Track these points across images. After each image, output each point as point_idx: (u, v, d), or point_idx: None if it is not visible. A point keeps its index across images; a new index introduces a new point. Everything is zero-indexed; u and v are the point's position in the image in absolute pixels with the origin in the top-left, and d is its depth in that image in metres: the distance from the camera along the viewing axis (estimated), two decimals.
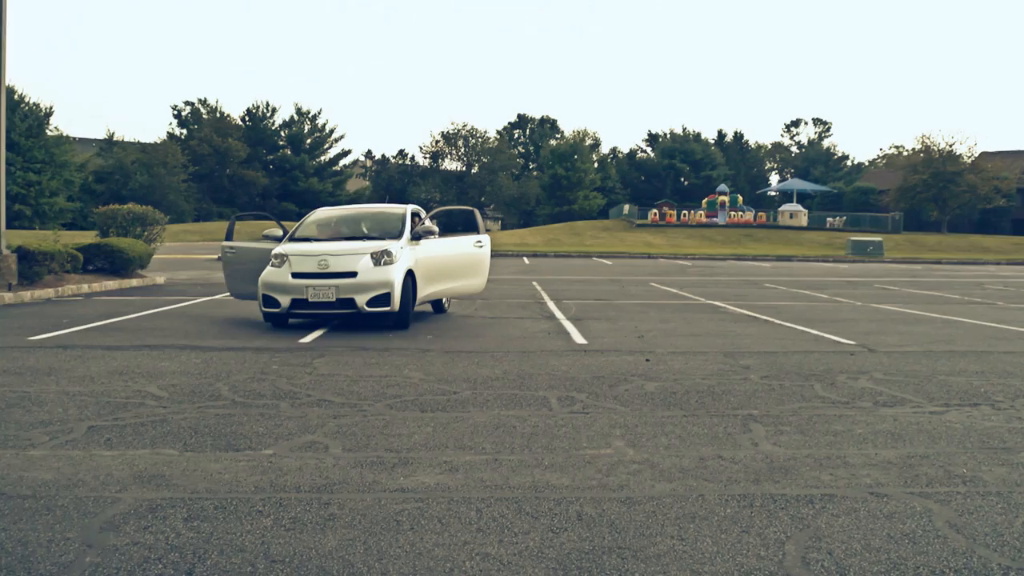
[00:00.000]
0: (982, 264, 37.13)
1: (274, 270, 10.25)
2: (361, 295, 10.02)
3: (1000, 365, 8.13)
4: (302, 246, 10.67)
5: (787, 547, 3.50)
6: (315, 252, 10.41)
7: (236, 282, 11.71)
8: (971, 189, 58.49)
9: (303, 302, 10.10)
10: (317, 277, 10.10)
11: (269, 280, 10.20)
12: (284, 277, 10.13)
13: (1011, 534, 3.67)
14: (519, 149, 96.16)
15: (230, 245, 11.84)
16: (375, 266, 10.16)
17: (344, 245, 10.71)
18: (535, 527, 3.71)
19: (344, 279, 10.07)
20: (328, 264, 10.17)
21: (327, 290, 10.02)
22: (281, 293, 10.10)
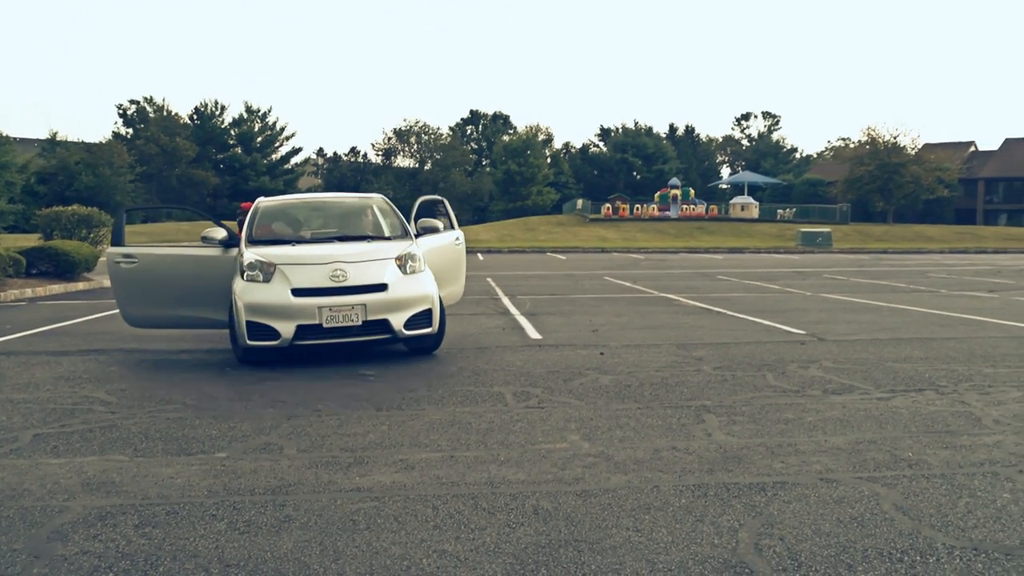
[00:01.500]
0: (926, 253, 38.02)
1: (258, 286, 7.45)
2: (396, 315, 7.56)
3: (943, 351, 8.34)
4: (286, 250, 7.94)
5: (740, 535, 3.56)
6: (318, 258, 7.73)
7: (138, 304, 8.47)
8: (915, 180, 59.88)
9: (315, 329, 7.33)
10: (331, 293, 7.42)
11: (256, 300, 7.33)
12: (280, 295, 7.34)
13: (955, 515, 3.77)
14: (472, 145, 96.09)
15: (124, 252, 8.35)
16: (405, 275, 7.79)
17: (355, 248, 8.11)
18: (492, 523, 3.72)
19: (371, 294, 7.49)
20: (345, 274, 7.52)
21: (349, 311, 7.37)
22: (279, 318, 7.29)
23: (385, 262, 7.84)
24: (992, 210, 75.10)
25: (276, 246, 8.10)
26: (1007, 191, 75.41)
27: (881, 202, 61.78)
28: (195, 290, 8.31)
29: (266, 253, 7.81)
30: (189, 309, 8.42)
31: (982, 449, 4.82)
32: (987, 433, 5.17)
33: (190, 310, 8.43)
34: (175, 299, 8.38)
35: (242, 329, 7.39)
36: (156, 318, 8.66)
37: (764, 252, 38.66)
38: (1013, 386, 6.55)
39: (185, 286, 8.34)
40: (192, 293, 8.33)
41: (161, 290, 8.35)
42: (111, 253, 8.43)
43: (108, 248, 8.58)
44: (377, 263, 7.81)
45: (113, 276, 8.47)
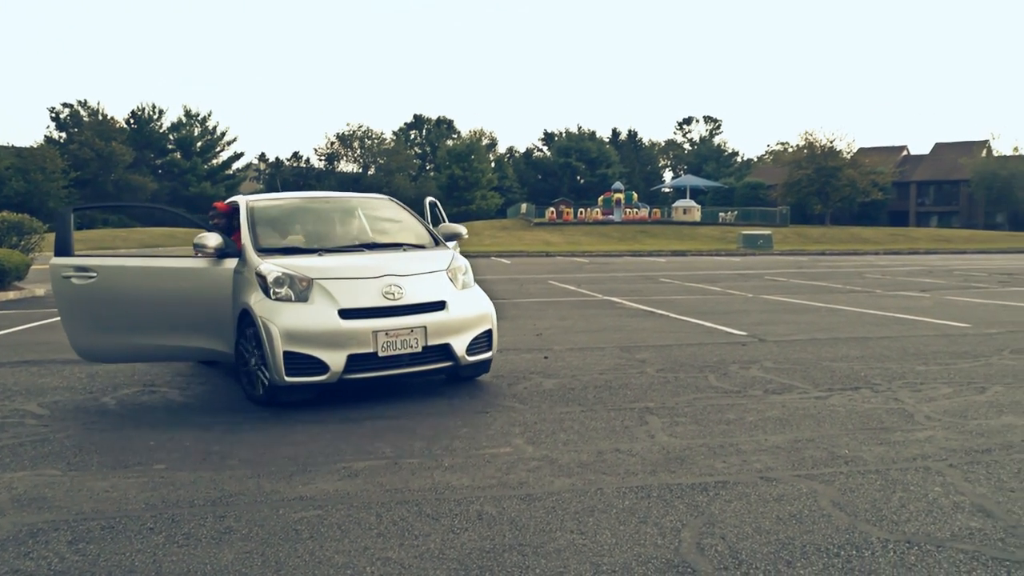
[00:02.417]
0: (862, 254, 38.99)
1: (294, 307, 5.98)
2: (458, 338, 6.40)
3: (878, 350, 8.56)
4: (318, 262, 6.43)
5: (683, 534, 3.60)
6: (366, 270, 6.37)
7: (97, 332, 6.56)
8: (851, 183, 61.33)
9: (369, 359, 6.00)
10: (386, 314, 6.12)
11: (295, 325, 5.88)
12: (326, 318, 5.96)
13: (889, 509, 3.87)
14: (416, 150, 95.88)
15: (76, 264, 6.48)
16: (459, 290, 6.68)
17: (401, 258, 6.75)
18: (436, 529, 3.71)
19: (430, 314, 6.30)
20: (401, 291, 6.24)
21: (407, 335, 6.11)
22: (326, 347, 5.89)
23: (438, 275, 6.63)
24: (924, 212, 77.37)
25: (300, 256, 6.51)
26: (937, 194, 77.78)
27: (819, 205, 63.14)
28: (178, 313, 6.56)
29: (294, 265, 6.25)
30: (169, 337, 6.57)
31: (914, 444, 4.96)
32: (919, 429, 5.32)
33: (170, 338, 6.58)
34: (150, 325, 6.52)
35: (277, 363, 5.81)
36: (121, 350, 6.69)
37: (706, 254, 39.23)
38: (943, 383, 6.75)
39: (164, 308, 6.53)
40: (174, 317, 6.55)
41: (130, 313, 6.47)
42: (57, 265, 6.40)
43: (52, 259, 6.44)
44: (431, 277, 6.57)
45: (60, 295, 6.46)
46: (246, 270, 6.39)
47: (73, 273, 6.44)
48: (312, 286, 6.11)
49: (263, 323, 5.95)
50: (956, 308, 12.81)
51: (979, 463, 4.59)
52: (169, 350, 6.79)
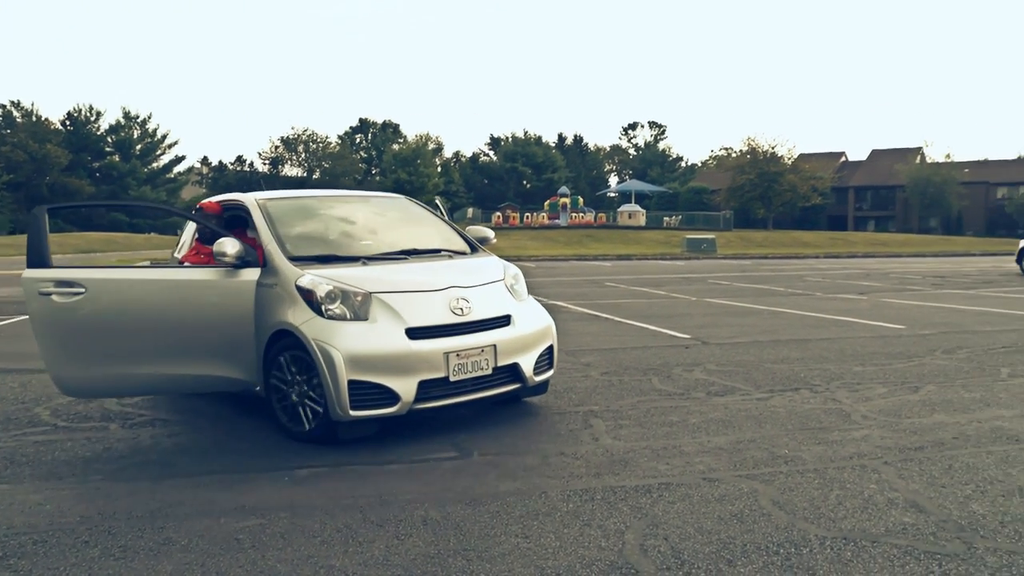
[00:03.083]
0: (803, 258, 39.77)
1: (353, 327, 5.12)
2: (525, 356, 5.72)
3: (817, 351, 8.74)
4: (370, 272, 5.56)
5: (627, 536, 3.63)
6: (429, 282, 5.58)
7: (87, 361, 5.31)
8: (792, 188, 62.57)
9: (440, 385, 5.24)
10: (455, 332, 5.37)
11: (360, 349, 5.01)
12: (392, 339, 5.13)
13: (826, 507, 3.96)
14: (361, 154, 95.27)
15: (59, 277, 5.24)
16: (519, 302, 6.00)
17: (454, 266, 6.01)
18: (380, 535, 3.69)
19: (498, 331, 5.59)
20: (469, 305, 5.50)
21: (478, 356, 5.39)
22: (395, 373, 5.07)
23: (498, 286, 5.93)
24: (861, 216, 79.35)
25: (342, 265, 5.57)
26: (874, 198, 79.85)
27: (761, 209, 64.29)
28: (188, 335, 5.41)
29: (343, 276, 5.37)
30: (176, 365, 5.43)
31: (851, 443, 5.08)
32: (856, 428, 5.45)
33: (178, 366, 5.43)
34: (153, 351, 5.38)
35: (341, 394, 4.91)
36: (118, 383, 5.51)
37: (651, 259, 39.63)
38: (879, 383, 6.93)
39: (171, 330, 5.38)
40: (183, 340, 5.41)
41: (130, 337, 5.34)
42: (33, 280, 5.18)
43: (26, 271, 5.22)
44: (493, 288, 5.86)
45: (37, 316, 5.23)
46: (279, 283, 5.38)
47: (54, 289, 5.17)
48: (371, 301, 5.23)
49: (319, 347, 4.99)
50: (892, 310, 13.15)
51: (912, 460, 4.72)
52: (176, 381, 5.56)
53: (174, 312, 5.41)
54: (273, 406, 5.42)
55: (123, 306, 5.34)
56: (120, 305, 5.34)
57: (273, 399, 5.41)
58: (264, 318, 5.44)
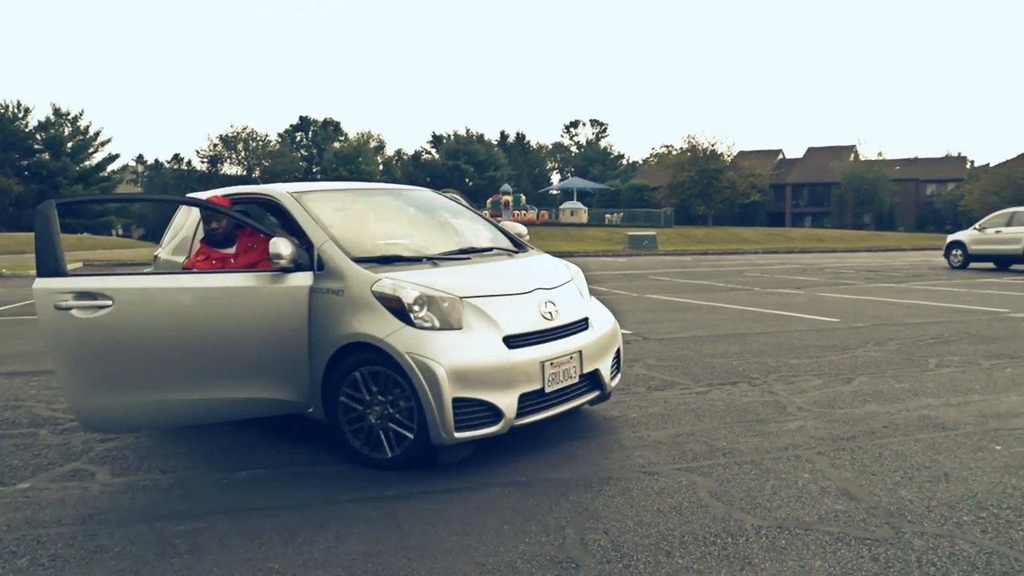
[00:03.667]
0: (742, 254, 40.48)
1: (448, 337, 4.53)
2: (603, 362, 5.32)
3: (755, 345, 8.91)
4: (450, 275, 4.96)
5: (567, 531, 3.66)
6: (516, 284, 5.08)
7: (116, 389, 4.51)
8: (731, 185, 63.63)
9: (537, 398, 4.72)
10: (547, 339, 4.89)
11: (464, 364, 4.44)
12: (492, 349, 4.60)
13: (762, 497, 4.04)
14: (302, 152, 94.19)
15: (80, 287, 4.42)
16: (588, 302, 5.60)
17: (526, 265, 5.58)
18: (321, 535, 3.65)
19: (581, 335, 5.16)
20: (556, 308, 5.06)
21: (567, 363, 4.94)
22: (496, 388, 4.53)
23: (570, 286, 5.47)
24: (798, 213, 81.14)
25: (410, 267, 4.93)
26: (811, 195, 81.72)
27: (702, 206, 65.26)
28: (232, 353, 4.68)
29: (423, 279, 4.75)
30: (218, 388, 4.69)
31: (787, 435, 5.19)
32: (791, 419, 5.57)
33: (220, 389, 4.70)
34: (193, 373, 4.62)
35: (445, 414, 4.34)
36: (152, 412, 4.66)
37: (593, 255, 39.92)
38: (814, 375, 7.09)
39: (214, 347, 4.63)
40: (227, 359, 4.67)
41: (166, 358, 4.55)
42: (47, 291, 4.33)
43: (38, 280, 4.38)
44: (568, 288, 5.42)
45: (55, 334, 4.37)
46: (347, 288, 4.72)
47: (74, 302, 4.35)
48: (462, 307, 4.65)
49: (415, 361, 4.38)
50: (827, 304, 13.46)
51: (844, 449, 4.84)
52: (218, 407, 4.78)
53: (217, 326, 4.64)
54: (341, 431, 4.72)
55: (158, 320, 4.52)
56: (154, 319, 4.51)
57: (341, 422, 4.70)
58: (326, 329, 4.74)
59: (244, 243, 5.38)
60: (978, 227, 23.15)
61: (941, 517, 3.75)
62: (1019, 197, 51.96)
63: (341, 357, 4.69)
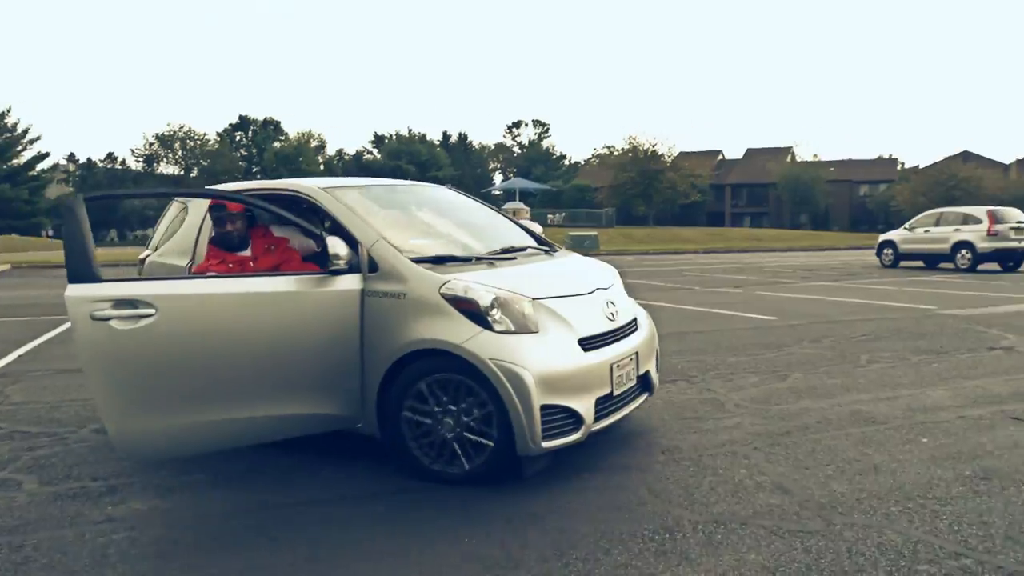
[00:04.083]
0: (683, 254, 41.05)
1: (533, 341, 4.27)
2: (652, 362, 5.25)
3: (695, 343, 9.05)
4: (507, 273, 4.72)
5: (507, 530, 3.67)
6: (579, 285, 4.91)
7: (160, 409, 4.06)
8: (672, 186, 64.47)
9: (608, 402, 4.54)
10: (612, 340, 4.72)
11: (549, 369, 4.19)
12: (571, 353, 4.39)
13: (700, 493, 4.11)
14: (241, 152, 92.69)
15: (120, 295, 3.98)
16: (632, 302, 5.51)
17: (576, 263, 5.51)
18: (265, 540, 3.61)
19: (634, 336, 5.02)
20: (616, 309, 4.96)
21: (629, 365, 4.79)
22: (576, 393, 4.30)
23: (618, 286, 5.39)
24: (738, 213, 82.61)
25: (466, 267, 4.65)
26: (750, 196, 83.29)
27: (643, 206, 65.98)
28: (285, 365, 4.31)
29: (492, 282, 4.44)
30: (270, 404, 4.30)
31: (724, 431, 5.29)
32: (729, 416, 5.67)
33: (272, 406, 4.31)
34: (244, 388, 4.23)
35: (533, 424, 4.07)
36: (202, 434, 4.19)
37: None
38: (751, 372, 7.23)
39: (265, 358, 4.25)
40: (279, 371, 4.30)
41: (215, 372, 4.15)
42: (82, 299, 3.90)
43: (71, 288, 3.94)
44: (618, 287, 5.33)
45: (92, 349, 3.93)
46: (409, 291, 4.37)
47: (113, 311, 3.92)
48: (535, 309, 4.39)
49: (500, 368, 4.08)
50: (765, 302, 13.73)
51: (779, 445, 4.95)
52: (267, 426, 4.36)
53: (266, 335, 4.24)
54: (404, 446, 4.38)
55: (205, 330, 4.10)
56: (202, 329, 4.10)
57: (406, 437, 4.36)
58: (384, 336, 4.38)
59: (260, 245, 5.05)
60: (908, 227, 23.85)
61: (870, 508, 3.86)
62: (946, 198, 53.73)
63: (402, 366, 4.34)
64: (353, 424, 4.56)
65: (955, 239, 21.93)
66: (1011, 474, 4.34)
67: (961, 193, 57.26)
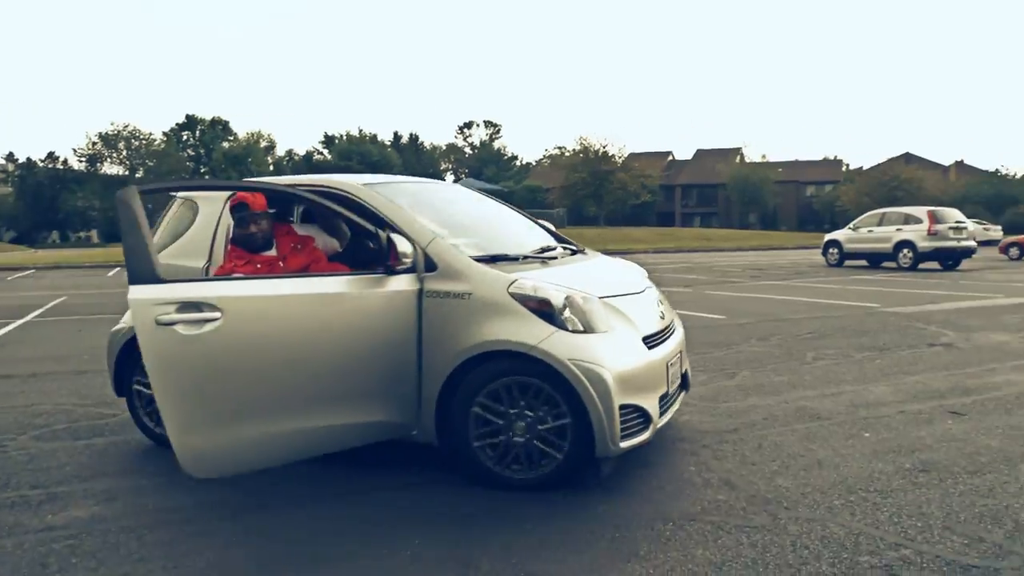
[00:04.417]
0: (634, 253, 41.38)
1: (606, 340, 4.17)
2: (686, 360, 5.35)
3: None
4: (563, 271, 4.64)
5: (461, 532, 3.67)
6: (626, 283, 4.87)
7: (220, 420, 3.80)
8: (622, 186, 65.03)
9: (664, 400, 4.49)
10: (663, 338, 4.67)
11: (626, 368, 4.13)
12: (639, 351, 4.32)
13: (649, 490, 4.15)
14: (189, 152, 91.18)
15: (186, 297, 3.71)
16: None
17: (622, 265, 5.50)
18: (208, 545, 3.55)
19: (676, 334, 5.02)
20: (664, 307, 5.03)
21: (677, 363, 4.81)
22: (646, 392, 4.26)
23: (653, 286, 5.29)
24: (688, 213, 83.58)
25: (526, 266, 4.56)
26: (700, 196, 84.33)
27: (594, 207, 66.45)
28: (347, 370, 4.10)
29: (556, 280, 4.36)
30: (333, 412, 4.10)
31: (673, 429, 5.34)
32: (678, 414, 5.72)
33: (334, 414, 4.11)
34: (309, 396, 4.02)
35: (613, 424, 4.00)
36: (270, 446, 3.96)
37: None
38: (700, 370, 7.32)
39: (329, 364, 4.04)
40: (342, 377, 4.08)
41: (282, 380, 3.92)
42: (147, 302, 3.63)
43: (133, 289, 3.65)
44: (654, 287, 5.26)
45: (161, 359, 3.65)
46: (475, 290, 4.21)
47: (177, 315, 3.66)
48: (603, 308, 4.29)
49: (581, 368, 3.97)
50: (714, 301, 13.92)
51: (727, 441, 5.02)
52: (327, 437, 4.13)
53: (331, 338, 4.03)
54: (470, 453, 4.20)
55: (272, 335, 3.86)
56: (268, 333, 3.85)
57: (472, 442, 4.18)
58: (447, 338, 4.21)
59: (286, 244, 4.81)
60: (852, 227, 24.37)
61: (814, 502, 3.93)
62: (889, 199, 55.02)
63: (466, 369, 4.17)
64: (408, 432, 4.37)
65: (897, 238, 22.46)
66: (949, 466, 4.46)
67: (903, 194, 58.67)
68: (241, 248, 4.73)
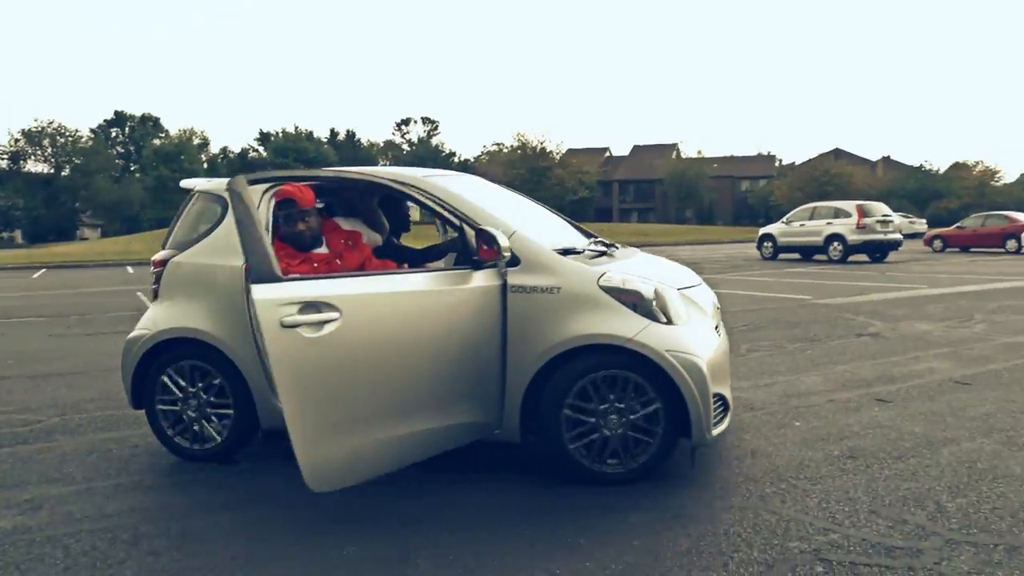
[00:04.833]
0: None
1: (689, 331, 4.21)
2: None
3: None
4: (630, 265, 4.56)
5: (403, 531, 3.65)
6: (682, 276, 4.82)
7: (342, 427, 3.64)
8: (560, 182, 65.47)
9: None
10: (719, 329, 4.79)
11: (714, 358, 4.23)
12: (716, 342, 4.40)
13: (588, 484, 4.18)
14: (118, 149, 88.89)
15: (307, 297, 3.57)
16: None
17: (663, 259, 5.43)
18: (132, 554, 3.46)
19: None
20: (714, 299, 5.05)
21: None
22: (724, 380, 4.42)
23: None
24: (626, 208, 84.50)
25: (597, 260, 4.43)
26: (637, 191, 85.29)
27: None
28: (446, 370, 3.96)
29: (638, 273, 4.36)
30: (433, 415, 3.96)
31: None
32: None
33: (435, 416, 3.97)
34: (415, 399, 3.88)
35: (709, 412, 4.03)
36: (378, 454, 3.78)
37: None
38: None
39: (434, 364, 3.92)
40: (442, 378, 3.95)
41: (396, 383, 3.80)
42: (270, 302, 3.48)
43: (256, 289, 3.50)
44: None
45: (287, 363, 3.47)
46: (564, 285, 4.10)
47: (300, 317, 3.51)
48: (682, 300, 4.29)
49: (679, 359, 3.97)
50: None
51: None
52: (428, 441, 3.98)
53: (436, 338, 3.88)
54: (562, 450, 4.12)
55: (386, 336, 3.72)
56: (383, 334, 3.72)
57: (564, 439, 4.10)
58: (535, 334, 4.08)
59: (337, 240, 4.65)
60: (785, 221, 24.92)
61: (747, 491, 4.01)
62: (820, 193, 56.43)
63: (555, 364, 4.09)
64: (491, 432, 4.23)
65: (828, 232, 23.04)
66: (875, 452, 4.59)
67: (833, 188, 60.23)
68: (290, 246, 4.49)
